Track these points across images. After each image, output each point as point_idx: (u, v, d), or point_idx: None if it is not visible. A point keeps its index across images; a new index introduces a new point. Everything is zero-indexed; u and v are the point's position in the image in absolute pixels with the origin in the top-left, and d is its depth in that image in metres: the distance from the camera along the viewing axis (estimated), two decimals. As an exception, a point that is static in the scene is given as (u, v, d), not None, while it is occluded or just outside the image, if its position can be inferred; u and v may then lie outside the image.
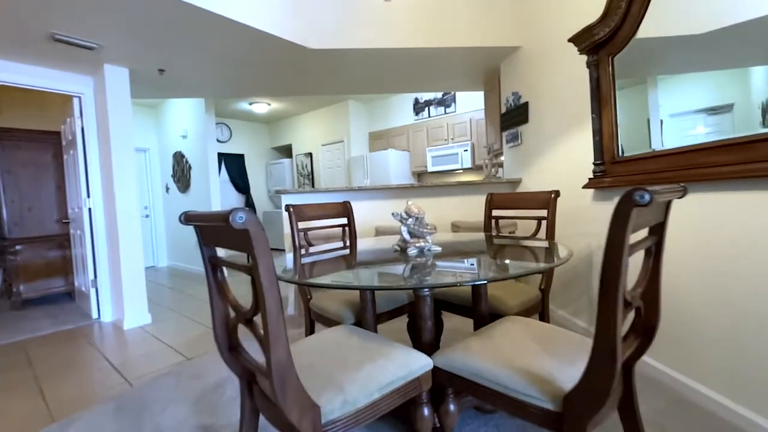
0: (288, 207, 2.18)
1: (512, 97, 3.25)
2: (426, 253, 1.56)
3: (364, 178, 6.06)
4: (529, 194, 2.17)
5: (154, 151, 6.17)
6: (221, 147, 7.12)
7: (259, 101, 6.23)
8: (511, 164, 3.39)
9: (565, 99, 2.54)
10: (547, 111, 2.79)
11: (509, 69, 3.33)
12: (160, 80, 3.42)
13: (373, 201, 3.26)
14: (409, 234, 1.59)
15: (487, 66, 3.59)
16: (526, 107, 3.05)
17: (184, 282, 4.83)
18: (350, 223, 2.39)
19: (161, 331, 3.01)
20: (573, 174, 2.46)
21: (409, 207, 1.61)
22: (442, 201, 3.32)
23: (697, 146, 1.56)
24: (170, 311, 3.52)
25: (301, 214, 2.20)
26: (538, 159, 2.94)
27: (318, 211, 2.30)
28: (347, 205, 2.42)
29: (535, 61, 2.90)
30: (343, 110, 6.51)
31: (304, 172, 7.20)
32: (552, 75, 2.68)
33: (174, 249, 6.04)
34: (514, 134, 3.25)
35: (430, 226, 1.61)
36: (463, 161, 5.39)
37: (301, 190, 3.04)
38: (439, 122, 5.72)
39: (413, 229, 1.58)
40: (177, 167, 5.64)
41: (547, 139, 2.81)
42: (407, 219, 1.59)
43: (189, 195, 5.47)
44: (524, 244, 1.81)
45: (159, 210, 6.22)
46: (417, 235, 1.59)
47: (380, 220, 3.27)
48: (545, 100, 2.80)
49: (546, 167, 2.84)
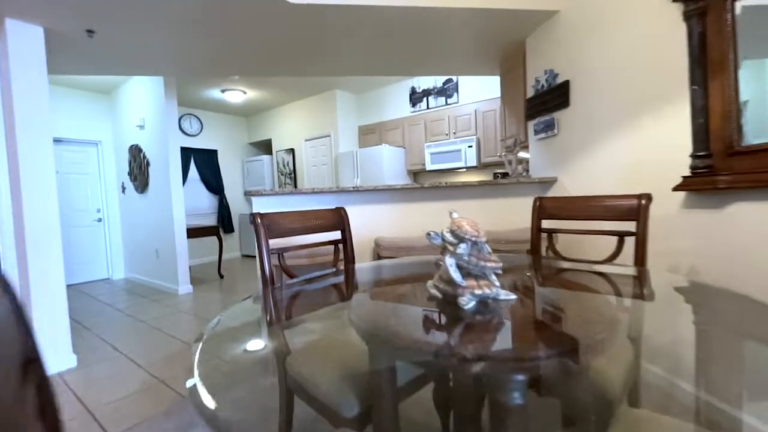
0: (257, 217, 1.46)
1: (544, 77, 2.61)
2: (493, 308, 0.88)
3: (354, 176, 5.35)
4: (603, 199, 1.52)
5: (108, 144, 5.29)
6: (190, 141, 6.28)
7: (233, 88, 5.43)
8: (542, 160, 2.76)
9: (634, 72, 1.91)
10: (599, 90, 2.16)
11: (539, 43, 2.69)
12: (92, 48, 2.63)
13: (372, 206, 2.56)
14: (458, 270, 0.90)
15: (507, 41, 2.95)
16: (565, 88, 2.41)
17: (138, 301, 4.01)
18: (346, 239, 1.69)
19: (87, 380, 2.23)
20: (646, 171, 1.83)
21: (459, 223, 0.92)
22: (458, 206, 2.65)
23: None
24: (107, 348, 2.72)
25: (275, 227, 1.49)
26: (583, 153, 2.30)
27: (301, 222, 1.59)
28: (341, 212, 1.72)
29: (581, 27, 2.26)
30: (329, 101, 5.78)
31: (286, 171, 6.44)
32: (610, 41, 2.05)
33: (132, 259, 5.18)
34: (546, 123, 2.62)
35: (493, 257, 0.93)
36: (467, 159, 4.75)
37: (279, 192, 2.33)
38: (439, 114, 5.07)
39: (469, 264, 0.90)
40: (133, 163, 4.79)
41: (599, 126, 2.17)
42: (457, 244, 0.91)
43: (147, 196, 4.64)
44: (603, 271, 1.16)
45: (114, 213, 5.35)
46: (475, 274, 0.91)
47: (381, 230, 2.58)
48: (597, 76, 2.17)
49: (596, 163, 2.21)
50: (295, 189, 2.30)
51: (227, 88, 5.41)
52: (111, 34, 2.48)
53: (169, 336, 2.88)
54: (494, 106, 4.56)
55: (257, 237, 1.42)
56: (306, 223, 1.60)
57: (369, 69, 3.61)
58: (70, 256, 5.00)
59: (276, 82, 5.25)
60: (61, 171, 4.99)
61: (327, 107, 5.81)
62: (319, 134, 5.92)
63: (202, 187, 6.47)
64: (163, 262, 4.45)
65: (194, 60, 3.07)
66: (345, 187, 2.34)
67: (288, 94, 5.84)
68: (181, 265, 4.22)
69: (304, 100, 6.12)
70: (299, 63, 3.31)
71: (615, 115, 2.06)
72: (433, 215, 2.63)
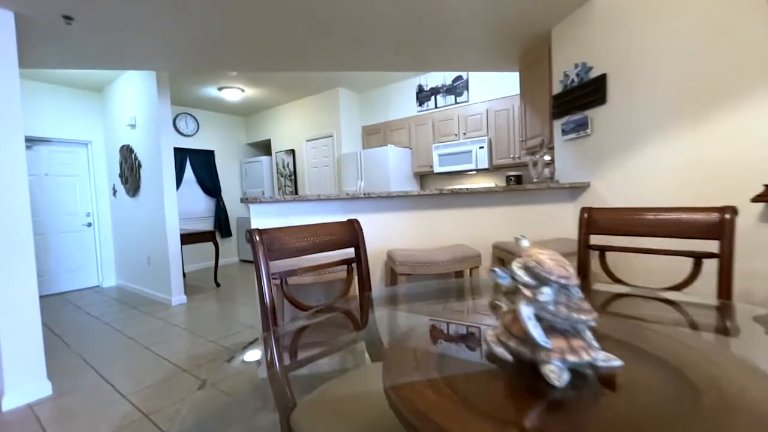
0: (255, 234, 1.19)
1: (575, 71, 2.35)
2: (592, 382, 0.61)
3: (358, 178, 5.09)
4: (673, 212, 1.26)
5: (99, 144, 5.02)
6: (186, 141, 6.01)
7: (231, 86, 5.16)
8: (570, 163, 2.50)
9: (701, 62, 1.65)
10: (646, 84, 1.90)
11: (569, 33, 2.44)
12: (71, 37, 2.36)
13: (384, 214, 2.30)
14: (538, 324, 0.64)
15: (529, 32, 2.69)
16: (601, 83, 2.15)
17: (127, 314, 3.73)
18: (361, 259, 1.42)
19: (61, 413, 1.96)
20: (710, 178, 1.57)
21: (538, 258, 0.66)
22: (477, 214, 2.39)
23: None
24: (88, 371, 2.45)
25: (278, 247, 1.22)
26: (623, 155, 2.05)
27: (308, 239, 1.32)
28: (355, 225, 1.45)
29: (624, 14, 2.01)
30: (332, 99, 5.51)
31: (286, 172, 6.17)
32: (666, 28, 1.79)
33: (123, 266, 4.91)
34: (578, 122, 2.36)
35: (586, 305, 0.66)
36: (478, 160, 4.49)
37: (280, 198, 2.06)
38: (447, 114, 4.81)
39: (556, 316, 0.63)
40: (124, 165, 4.52)
41: (644, 125, 1.92)
42: (536, 287, 0.64)
43: (139, 200, 4.36)
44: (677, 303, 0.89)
45: (105, 217, 5.07)
46: (562, 329, 0.64)
47: (394, 241, 2.32)
48: (643, 68, 1.91)
49: (639, 167, 1.95)
50: (298, 195, 2.03)
51: (224, 86, 5.14)
52: (92, 21, 2.21)
53: (158, 356, 2.61)
54: (507, 105, 4.31)
55: (255, 259, 1.15)
56: (315, 239, 1.33)
57: (375, 64, 3.35)
58: (57, 264, 4.72)
59: (276, 79, 4.99)
60: (49, 173, 4.72)
61: (329, 106, 5.55)
62: (320, 134, 5.66)
63: (198, 190, 6.20)
64: (155, 270, 4.18)
65: (187, 52, 2.81)
66: (355, 193, 2.08)
67: (288, 92, 5.58)
68: (174, 273, 3.94)
69: (305, 99, 5.85)
70: (300, 59, 3.05)
71: (667, 113, 1.80)
72: (450, 224, 2.37)
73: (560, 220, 2.47)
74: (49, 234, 4.69)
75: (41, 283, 4.60)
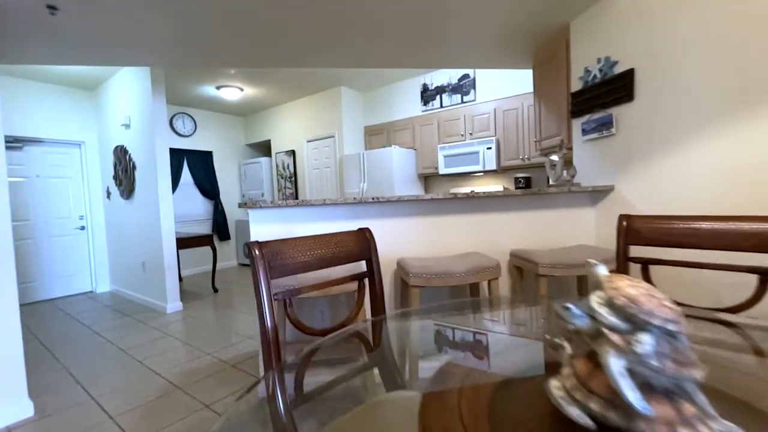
0: (254, 248, 1.02)
1: (598, 67, 2.19)
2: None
3: (360, 180, 4.93)
4: (734, 221, 1.10)
5: (92, 145, 4.85)
6: (184, 142, 5.84)
7: (229, 85, 5.00)
8: (591, 165, 2.34)
9: (734, 53, 1.50)
10: (681, 79, 1.75)
11: (590, 26, 2.28)
12: (55, 29, 2.20)
13: (393, 219, 2.14)
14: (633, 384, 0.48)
15: (544, 26, 2.54)
16: (628, 78, 2.00)
17: (121, 322, 3.56)
18: (373, 273, 1.26)
19: (41, 440, 1.79)
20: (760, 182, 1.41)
21: (628, 293, 0.50)
22: (491, 219, 2.23)
23: None
24: (74, 388, 2.28)
25: (281, 263, 1.06)
26: (653, 156, 1.89)
27: (315, 251, 1.16)
28: (367, 235, 1.29)
29: (656, 3, 1.85)
30: (333, 99, 5.36)
31: (286, 174, 6.01)
32: (708, 17, 1.64)
33: (118, 270, 4.74)
34: (600, 121, 2.20)
35: (694, 356, 0.50)
36: (486, 162, 4.33)
37: (281, 204, 1.90)
38: (453, 113, 4.65)
39: (660, 372, 0.47)
40: (118, 166, 4.35)
41: (679, 123, 1.76)
42: (629, 332, 0.48)
43: (133, 203, 4.20)
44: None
45: (99, 220, 4.90)
46: (664, 388, 0.49)
47: (404, 248, 2.16)
48: (678, 61, 1.75)
49: (672, 169, 1.79)
50: (301, 200, 1.87)
51: (223, 85, 4.98)
52: (78, 11, 2.05)
53: (150, 371, 2.44)
54: (516, 104, 4.15)
55: (255, 278, 0.99)
56: (323, 251, 1.17)
57: (380, 61, 3.20)
58: (49, 269, 4.55)
59: (276, 78, 4.83)
60: (41, 175, 4.55)
61: (331, 106, 5.39)
62: (322, 135, 5.50)
63: (196, 192, 6.04)
64: (150, 276, 4.01)
65: (181, 46, 2.65)
66: (362, 198, 1.92)
67: (288, 91, 5.42)
68: (169, 280, 3.77)
69: (305, 98, 5.69)
70: (301, 51, 2.89)
71: (704, 110, 1.64)
72: (463, 230, 2.21)
73: (579, 226, 2.31)
74: (41, 238, 4.52)
75: (32, 289, 4.43)
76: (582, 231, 2.32)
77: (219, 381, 2.27)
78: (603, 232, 2.26)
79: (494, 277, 1.80)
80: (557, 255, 1.91)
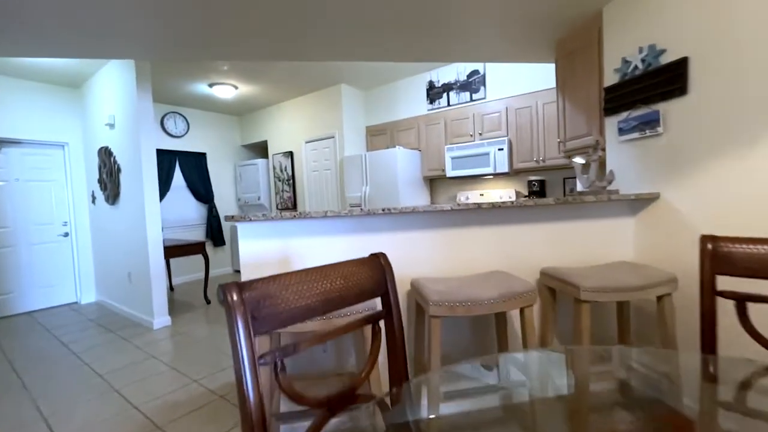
0: (231, 292, 0.72)
1: (640, 56, 1.91)
2: None
3: (362, 184, 4.64)
4: None
5: (77, 146, 4.55)
6: (175, 143, 5.55)
7: (223, 82, 4.70)
8: (630, 169, 2.05)
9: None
10: (747, 67, 1.46)
11: (629, 10, 2.00)
12: (25, 15, 1.90)
13: (405, 233, 1.85)
14: None
15: (570, 13, 2.25)
16: (680, 69, 1.71)
17: (102, 339, 3.26)
18: (391, 312, 0.97)
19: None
20: None
21: None
22: (516, 232, 1.94)
23: None
24: (38, 426, 1.98)
25: (269, 313, 0.76)
26: (713, 160, 1.61)
27: (316, 291, 0.86)
28: (381, 262, 1.00)
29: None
30: (333, 97, 5.06)
31: (283, 176, 5.71)
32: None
33: (104, 280, 4.43)
34: (643, 119, 1.91)
35: None
36: (497, 164, 4.05)
37: (275, 217, 1.61)
38: (462, 112, 4.37)
39: None
40: (103, 169, 4.06)
41: (746, 121, 1.48)
42: None
43: (119, 208, 3.90)
44: None
45: (84, 226, 4.60)
46: None
47: (419, 267, 1.87)
48: (744, 47, 1.47)
49: (738, 178, 1.51)
50: (298, 212, 1.59)
51: (216, 82, 4.69)
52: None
53: (127, 404, 2.15)
54: (530, 102, 3.87)
55: (231, 337, 0.70)
56: (327, 285, 0.88)
57: (384, 54, 2.91)
58: (29, 279, 4.25)
59: (272, 75, 4.54)
60: (20, 178, 4.25)
61: (330, 105, 5.09)
62: (321, 135, 5.21)
63: (189, 195, 5.74)
64: (136, 288, 3.71)
65: (163, 35, 2.35)
66: (373, 209, 1.63)
67: (286, 89, 5.12)
68: (156, 293, 3.48)
69: (304, 97, 5.40)
70: (298, 43, 2.60)
71: (791, 104, 1.36)
72: (485, 245, 1.92)
73: (616, 240, 2.03)
74: (20, 246, 4.22)
75: (10, 301, 4.12)
76: (619, 245, 2.04)
77: (205, 417, 1.97)
78: (643, 246, 1.98)
79: (529, 304, 1.51)
80: (600, 276, 1.62)
